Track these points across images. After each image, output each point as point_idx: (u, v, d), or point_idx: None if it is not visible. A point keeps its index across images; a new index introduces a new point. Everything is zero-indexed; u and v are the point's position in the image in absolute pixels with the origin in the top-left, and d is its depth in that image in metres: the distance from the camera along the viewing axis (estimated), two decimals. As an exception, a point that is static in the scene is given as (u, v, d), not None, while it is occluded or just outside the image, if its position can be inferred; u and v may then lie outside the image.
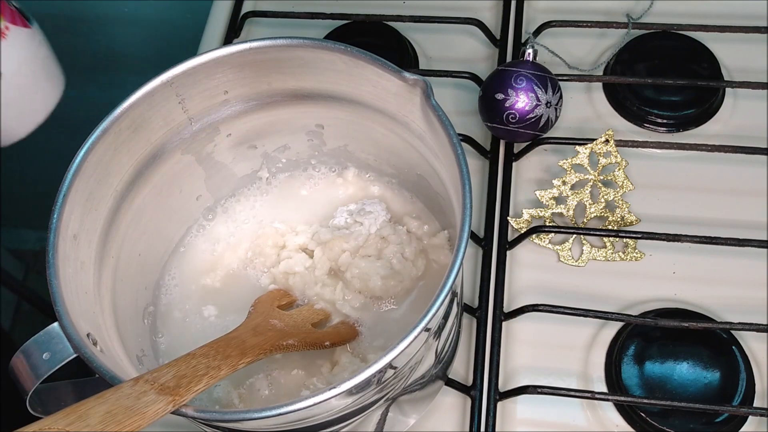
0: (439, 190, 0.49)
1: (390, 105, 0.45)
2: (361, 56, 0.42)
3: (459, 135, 0.57)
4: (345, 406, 0.38)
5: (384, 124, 0.47)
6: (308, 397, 0.34)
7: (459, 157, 0.39)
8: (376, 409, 0.42)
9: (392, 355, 0.35)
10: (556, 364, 0.56)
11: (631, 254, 0.59)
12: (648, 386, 0.53)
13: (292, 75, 0.46)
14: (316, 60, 0.44)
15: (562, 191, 0.60)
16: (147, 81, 0.43)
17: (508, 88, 0.59)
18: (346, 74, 0.44)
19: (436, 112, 0.41)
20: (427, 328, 0.36)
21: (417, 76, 0.41)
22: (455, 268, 0.36)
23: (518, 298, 0.58)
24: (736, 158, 0.62)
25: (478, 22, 0.69)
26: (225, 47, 0.44)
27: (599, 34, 0.70)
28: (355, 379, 0.34)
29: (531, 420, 0.54)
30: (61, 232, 0.40)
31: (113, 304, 0.45)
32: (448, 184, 0.44)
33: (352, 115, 0.48)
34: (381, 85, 0.44)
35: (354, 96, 0.47)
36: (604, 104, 0.67)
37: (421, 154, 0.47)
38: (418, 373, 0.43)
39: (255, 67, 0.46)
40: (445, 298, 0.36)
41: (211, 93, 0.47)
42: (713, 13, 0.69)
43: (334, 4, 0.73)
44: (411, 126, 0.45)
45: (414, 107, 0.43)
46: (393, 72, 0.42)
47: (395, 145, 0.49)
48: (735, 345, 0.54)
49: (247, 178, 0.56)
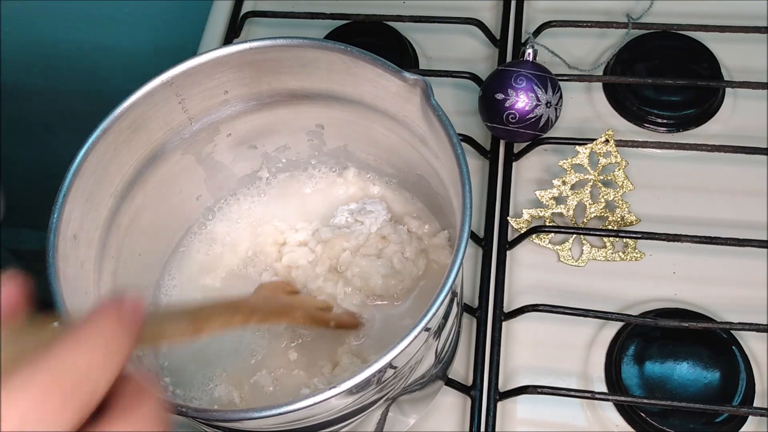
0: (439, 190, 0.49)
1: (390, 105, 0.45)
2: (361, 56, 0.42)
3: (459, 135, 0.57)
4: (345, 406, 0.38)
5: (384, 124, 0.47)
6: (308, 397, 0.34)
7: (459, 157, 0.39)
8: (376, 409, 0.42)
9: (392, 354, 0.35)
10: (556, 364, 0.56)
11: (631, 254, 0.59)
12: (648, 386, 0.53)
13: (292, 75, 0.46)
14: (317, 60, 0.44)
15: (562, 191, 0.60)
16: (147, 81, 0.43)
17: (508, 88, 0.59)
18: (346, 74, 0.44)
19: (436, 112, 0.41)
20: (427, 327, 0.36)
21: (417, 76, 0.41)
22: (455, 267, 0.36)
23: (518, 298, 0.58)
24: (736, 158, 0.62)
25: (478, 22, 0.69)
26: (225, 47, 0.44)
27: (599, 34, 0.70)
28: (355, 378, 0.34)
29: (531, 420, 0.54)
30: (61, 232, 0.40)
31: None
32: (448, 184, 0.44)
33: (352, 115, 0.48)
34: (381, 85, 0.44)
35: (354, 96, 0.47)
36: (604, 104, 0.67)
37: (421, 154, 0.47)
38: (418, 372, 0.43)
39: (255, 67, 0.46)
40: (445, 297, 0.36)
41: (211, 93, 0.47)
42: (713, 13, 0.69)
43: (334, 4, 0.73)
44: (411, 126, 0.45)
45: (414, 107, 0.43)
46: (393, 72, 0.42)
47: (395, 145, 0.49)
48: (735, 345, 0.54)
49: (247, 178, 0.56)
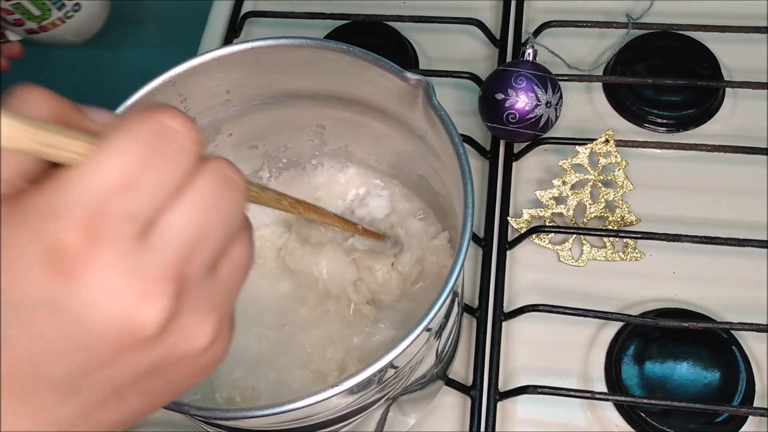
0: (440, 191, 0.49)
1: (391, 105, 0.45)
2: (363, 56, 0.42)
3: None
4: (346, 405, 0.38)
5: (385, 124, 0.47)
6: (310, 396, 0.34)
7: (461, 157, 0.39)
8: (377, 409, 0.42)
9: (393, 354, 0.35)
10: (556, 364, 0.56)
11: (631, 254, 0.59)
12: (648, 386, 0.53)
13: (294, 75, 0.46)
14: (318, 60, 0.44)
15: (562, 191, 0.60)
16: (148, 80, 0.43)
17: (508, 88, 0.59)
18: (347, 74, 0.44)
19: (438, 113, 0.41)
20: (428, 327, 0.36)
21: (419, 77, 0.41)
22: (457, 267, 0.37)
23: (518, 298, 0.58)
24: (736, 158, 0.62)
25: (478, 22, 0.69)
26: (227, 47, 0.44)
27: (599, 34, 0.70)
28: (355, 378, 0.34)
29: (531, 420, 0.54)
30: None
31: None
32: (450, 185, 0.44)
33: (354, 116, 0.48)
34: (382, 85, 0.44)
35: (355, 96, 0.47)
36: (604, 104, 0.67)
37: (422, 155, 0.47)
38: (419, 372, 0.43)
39: (257, 67, 0.46)
40: (447, 298, 0.36)
41: (213, 93, 0.47)
42: (713, 13, 0.69)
43: (334, 4, 0.73)
44: (412, 126, 0.45)
45: (415, 108, 0.43)
46: (395, 72, 0.42)
47: (396, 145, 0.49)
48: (735, 345, 0.54)
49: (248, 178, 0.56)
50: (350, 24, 0.72)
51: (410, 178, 0.53)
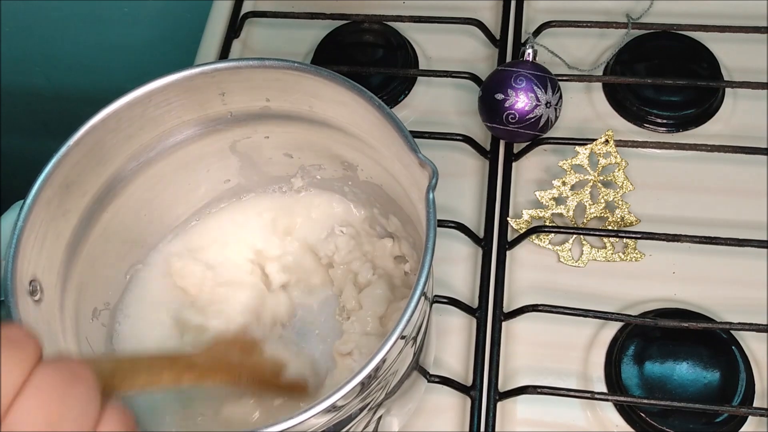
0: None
1: (402, 179, 0.45)
2: (388, 121, 0.42)
3: (459, 135, 0.57)
4: (326, 422, 0.37)
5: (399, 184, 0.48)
6: (286, 420, 0.33)
7: (428, 251, 0.38)
8: (362, 419, 0.41)
9: (368, 369, 0.35)
10: (556, 364, 0.56)
11: (631, 254, 0.59)
12: (648, 386, 0.53)
13: (330, 108, 0.46)
14: (353, 103, 0.44)
15: (561, 192, 0.60)
16: (149, 81, 0.44)
17: (508, 88, 0.59)
18: (375, 128, 0.44)
19: (427, 209, 0.40)
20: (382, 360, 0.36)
21: (428, 161, 0.40)
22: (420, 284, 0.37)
23: (518, 298, 0.58)
24: (736, 158, 0.62)
25: (478, 22, 0.69)
26: (271, 59, 0.44)
27: (599, 34, 0.70)
28: (333, 396, 0.34)
29: (531, 420, 0.54)
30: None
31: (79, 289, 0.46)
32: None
33: (379, 163, 0.49)
34: (400, 157, 0.43)
35: (378, 147, 0.47)
36: (604, 104, 0.67)
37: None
38: (398, 377, 0.42)
39: (298, 88, 0.46)
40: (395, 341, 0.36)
41: (253, 97, 0.47)
42: (713, 13, 0.69)
43: (334, 4, 0.73)
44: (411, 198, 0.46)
45: (419, 191, 0.42)
46: (410, 149, 0.41)
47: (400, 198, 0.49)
48: (735, 345, 0.54)
49: (277, 180, 0.56)
50: (350, 24, 0.72)
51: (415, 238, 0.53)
